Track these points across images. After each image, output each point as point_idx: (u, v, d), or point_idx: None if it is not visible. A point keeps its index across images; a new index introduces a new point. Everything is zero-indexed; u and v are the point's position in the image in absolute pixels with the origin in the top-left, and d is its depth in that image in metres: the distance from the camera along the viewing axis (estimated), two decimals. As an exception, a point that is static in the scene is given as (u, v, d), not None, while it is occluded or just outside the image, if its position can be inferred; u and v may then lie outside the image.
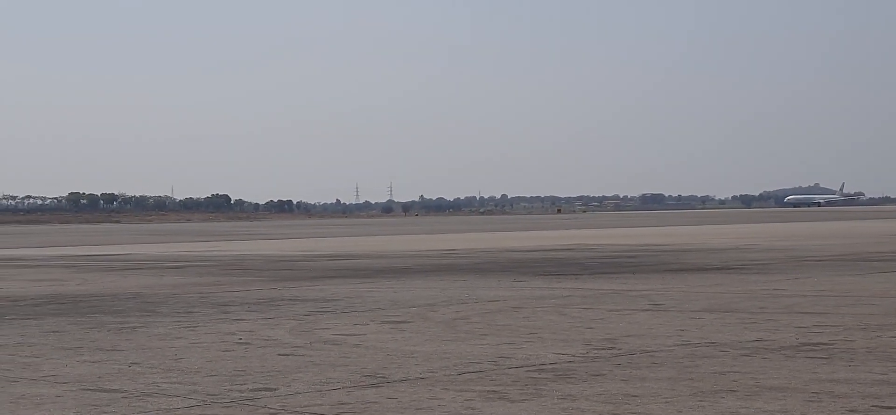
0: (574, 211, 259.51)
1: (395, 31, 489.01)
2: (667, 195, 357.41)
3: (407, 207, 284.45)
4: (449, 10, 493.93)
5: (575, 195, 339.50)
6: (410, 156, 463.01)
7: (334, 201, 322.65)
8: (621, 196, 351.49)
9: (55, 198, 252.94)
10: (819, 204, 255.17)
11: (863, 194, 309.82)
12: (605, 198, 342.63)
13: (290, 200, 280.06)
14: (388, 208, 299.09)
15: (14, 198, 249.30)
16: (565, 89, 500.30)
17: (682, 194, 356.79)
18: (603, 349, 9.40)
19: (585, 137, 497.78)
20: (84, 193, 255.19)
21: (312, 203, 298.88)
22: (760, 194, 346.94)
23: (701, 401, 7.00)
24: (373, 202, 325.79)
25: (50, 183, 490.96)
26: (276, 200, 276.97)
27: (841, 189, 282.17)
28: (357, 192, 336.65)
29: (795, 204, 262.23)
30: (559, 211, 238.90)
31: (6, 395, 7.65)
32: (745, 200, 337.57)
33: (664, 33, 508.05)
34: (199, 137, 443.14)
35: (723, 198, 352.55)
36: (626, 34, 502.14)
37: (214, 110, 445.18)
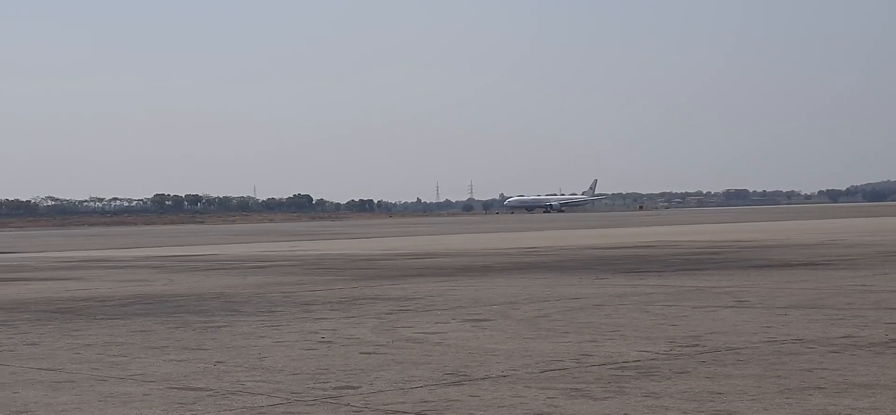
0: (656, 208, 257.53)
1: (474, 31, 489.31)
2: (751, 191, 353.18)
3: (487, 206, 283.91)
4: (530, 9, 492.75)
5: (657, 192, 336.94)
6: (491, 154, 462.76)
7: (415, 200, 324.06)
8: (704, 192, 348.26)
9: (141, 200, 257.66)
10: (550, 207, 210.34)
11: (605, 194, 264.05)
12: (687, 194, 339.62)
13: (371, 200, 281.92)
14: (468, 207, 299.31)
15: (101, 200, 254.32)
16: (646, 84, 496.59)
17: (767, 190, 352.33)
18: (687, 347, 9.30)
19: (668, 132, 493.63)
20: (169, 195, 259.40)
21: (393, 202, 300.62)
22: (847, 189, 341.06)
23: (788, 398, 6.89)
24: (453, 201, 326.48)
25: (136, 185, 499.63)
26: (357, 200, 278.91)
27: (592, 187, 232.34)
28: (438, 191, 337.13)
29: (528, 207, 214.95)
30: (641, 208, 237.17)
31: (95, 393, 7.78)
32: (832, 195, 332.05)
33: (749, 26, 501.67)
34: (281, 139, 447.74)
35: (808, 193, 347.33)
36: (709, 28, 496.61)
37: (296, 113, 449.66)
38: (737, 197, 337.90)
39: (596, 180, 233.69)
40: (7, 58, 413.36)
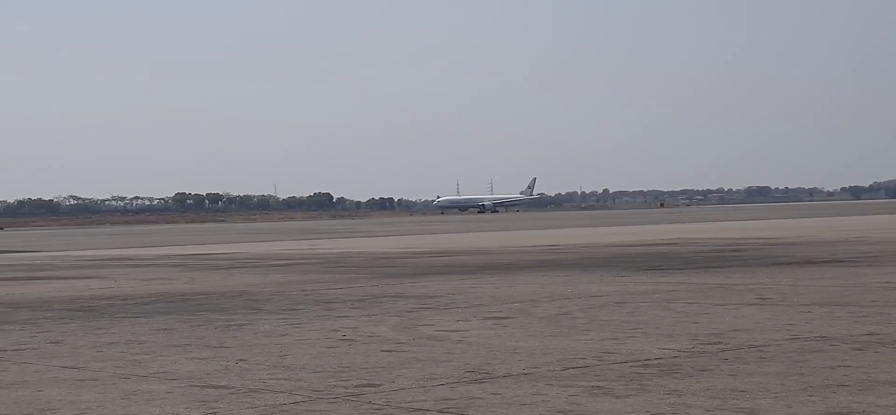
0: (677, 205, 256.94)
1: (493, 32, 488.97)
2: (773, 188, 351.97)
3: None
4: (548, 9, 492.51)
5: (678, 189, 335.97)
6: (510, 152, 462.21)
7: (435, 198, 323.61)
8: (726, 189, 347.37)
9: (162, 198, 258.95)
10: (483, 207, 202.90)
11: (544, 194, 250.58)
12: (709, 191, 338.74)
13: (392, 198, 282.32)
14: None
15: (123, 199, 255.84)
16: (667, 81, 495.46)
17: (789, 187, 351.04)
18: (709, 344, 9.26)
19: (688, 130, 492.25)
20: (190, 194, 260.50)
21: (413, 200, 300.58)
22: (870, 185, 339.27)
23: (811, 396, 6.85)
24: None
25: (157, 184, 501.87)
26: (377, 198, 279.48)
27: (530, 186, 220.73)
28: (458, 189, 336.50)
29: (460, 207, 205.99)
30: (662, 205, 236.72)
31: (118, 391, 7.80)
32: (855, 192, 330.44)
33: (770, 22, 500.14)
34: (302, 138, 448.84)
35: (831, 190, 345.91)
36: (731, 24, 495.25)
37: (317, 112, 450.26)
38: (759, 194, 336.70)
39: (535, 179, 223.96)
40: (29, 59, 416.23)
